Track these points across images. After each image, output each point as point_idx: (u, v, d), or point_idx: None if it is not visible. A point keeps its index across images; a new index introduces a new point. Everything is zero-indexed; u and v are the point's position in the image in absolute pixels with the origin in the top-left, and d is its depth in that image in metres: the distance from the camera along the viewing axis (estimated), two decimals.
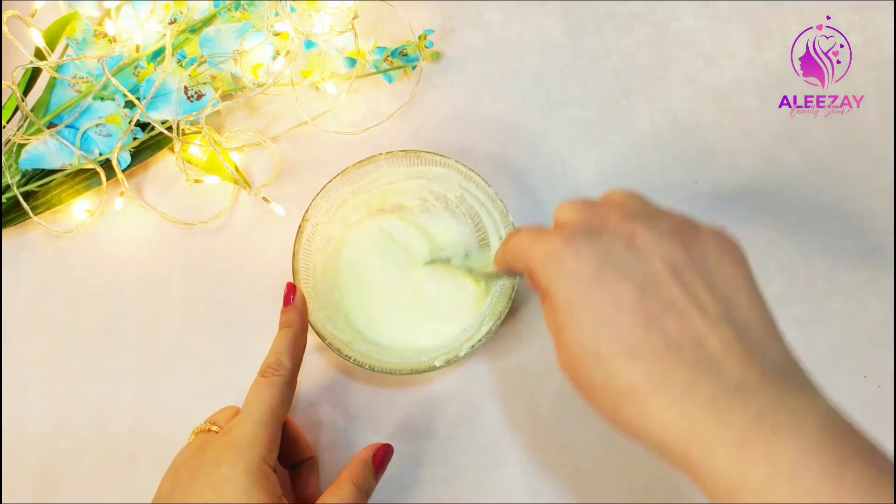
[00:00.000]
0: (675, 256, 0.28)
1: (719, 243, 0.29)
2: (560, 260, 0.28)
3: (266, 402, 0.36)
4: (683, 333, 0.26)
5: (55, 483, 0.45)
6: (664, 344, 0.26)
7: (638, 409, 0.26)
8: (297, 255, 0.43)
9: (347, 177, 0.44)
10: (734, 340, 0.26)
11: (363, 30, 0.51)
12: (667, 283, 0.27)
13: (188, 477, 0.35)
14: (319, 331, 0.41)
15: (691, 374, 0.25)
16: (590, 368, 0.27)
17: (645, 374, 0.26)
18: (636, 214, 0.29)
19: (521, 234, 0.32)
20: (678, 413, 0.25)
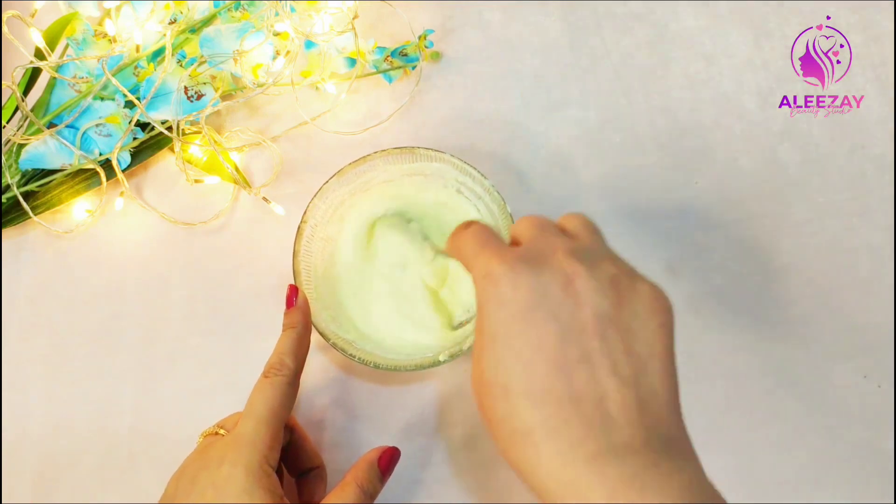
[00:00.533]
0: (606, 309, 0.28)
1: (651, 303, 0.29)
2: (497, 284, 0.29)
3: (268, 402, 0.36)
4: (589, 388, 0.27)
5: (55, 483, 0.45)
6: (568, 395, 0.27)
7: (528, 452, 0.27)
8: (298, 257, 0.43)
9: (344, 177, 0.44)
10: (633, 404, 0.27)
11: (363, 30, 0.51)
12: (589, 335, 0.28)
13: (191, 476, 0.35)
14: (323, 331, 0.42)
15: (583, 428, 0.26)
16: (495, 399, 0.28)
17: (543, 420, 0.27)
18: (583, 255, 0.30)
19: (469, 237, 0.32)
20: (562, 463, 0.26)
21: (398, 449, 0.39)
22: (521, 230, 0.33)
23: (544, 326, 0.28)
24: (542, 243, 0.31)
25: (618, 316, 0.28)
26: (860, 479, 0.44)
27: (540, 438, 0.27)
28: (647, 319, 0.29)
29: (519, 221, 0.34)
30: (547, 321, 0.28)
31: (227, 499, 0.33)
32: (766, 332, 0.46)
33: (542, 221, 0.33)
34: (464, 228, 0.33)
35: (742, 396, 0.45)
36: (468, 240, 0.32)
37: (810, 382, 0.45)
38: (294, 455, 0.41)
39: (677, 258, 0.47)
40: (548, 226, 0.33)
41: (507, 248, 0.31)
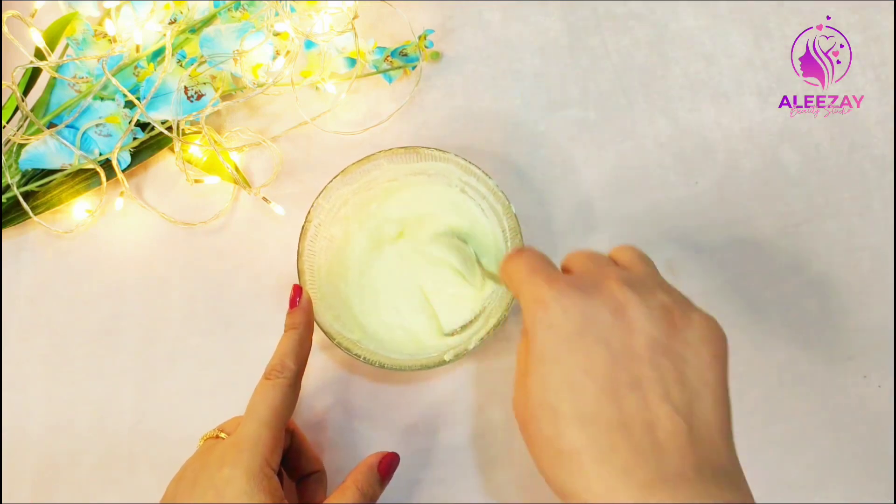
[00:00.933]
0: (658, 337, 0.28)
1: (705, 333, 0.29)
2: (547, 309, 0.29)
3: (269, 404, 0.36)
4: (639, 414, 0.27)
5: (55, 483, 0.46)
6: (618, 420, 0.27)
7: (575, 474, 0.27)
8: (302, 256, 0.43)
9: (348, 176, 0.44)
10: (684, 432, 0.27)
11: (363, 30, 0.51)
12: (641, 361, 0.28)
13: (191, 478, 0.35)
14: (328, 331, 0.42)
15: (633, 455, 0.26)
16: (542, 420, 0.28)
17: (591, 442, 0.26)
18: (635, 284, 0.30)
19: (521, 263, 0.32)
20: (610, 490, 0.26)
21: (398, 455, 0.39)
22: (574, 260, 0.33)
23: (594, 350, 0.28)
24: (594, 272, 0.31)
25: (670, 344, 0.28)
26: (860, 479, 0.44)
27: (587, 462, 0.26)
28: (700, 349, 0.29)
29: (572, 254, 0.34)
30: (597, 345, 0.28)
31: (227, 500, 0.33)
32: (766, 332, 0.46)
33: (595, 254, 0.33)
34: (516, 255, 0.33)
35: (742, 397, 0.45)
36: (520, 266, 0.32)
37: (810, 383, 0.45)
38: (294, 459, 0.41)
39: (677, 258, 0.47)
40: (600, 257, 0.33)
41: (558, 274, 0.31)
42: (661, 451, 0.26)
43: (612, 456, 0.26)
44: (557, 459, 0.27)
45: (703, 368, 0.28)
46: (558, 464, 0.27)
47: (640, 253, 0.34)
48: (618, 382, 0.27)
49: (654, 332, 0.28)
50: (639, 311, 0.29)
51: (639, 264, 0.33)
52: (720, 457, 0.27)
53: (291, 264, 0.43)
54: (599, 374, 0.27)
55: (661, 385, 0.27)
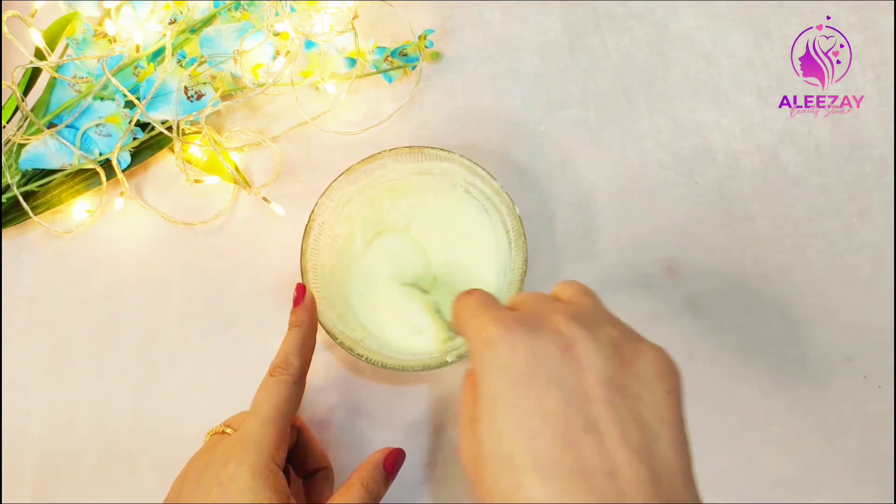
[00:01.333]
0: (610, 374, 0.27)
1: (657, 366, 0.28)
2: (495, 348, 0.28)
3: (274, 401, 0.36)
4: (599, 460, 0.25)
5: (55, 483, 0.46)
6: (578, 468, 0.25)
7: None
8: (305, 255, 0.43)
9: (352, 175, 0.44)
10: (646, 479, 0.25)
11: (363, 30, 0.51)
12: (594, 400, 0.26)
13: (196, 475, 0.35)
14: (330, 330, 0.42)
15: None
16: (498, 471, 0.26)
17: (553, 495, 0.25)
18: (581, 318, 0.29)
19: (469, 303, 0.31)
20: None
21: (403, 451, 0.39)
22: (518, 300, 0.32)
23: (546, 392, 0.26)
24: (539, 307, 0.30)
25: (623, 381, 0.27)
26: (860, 480, 0.44)
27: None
28: (654, 384, 0.27)
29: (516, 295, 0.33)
30: (548, 386, 0.26)
31: (232, 498, 0.33)
32: (766, 332, 0.46)
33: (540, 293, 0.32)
34: (466, 295, 0.32)
35: (742, 397, 0.45)
36: (466, 306, 0.31)
37: (810, 383, 0.45)
38: (301, 456, 0.41)
39: (677, 258, 0.47)
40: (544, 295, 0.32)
41: (504, 310, 0.30)
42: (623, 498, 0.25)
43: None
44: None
45: (658, 406, 0.27)
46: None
47: (583, 287, 0.32)
48: (574, 426, 0.26)
49: (606, 369, 0.27)
50: (588, 347, 0.27)
51: (583, 298, 0.31)
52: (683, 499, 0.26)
53: (291, 264, 0.43)
54: (554, 418, 0.26)
55: (619, 426, 0.26)
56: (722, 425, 0.45)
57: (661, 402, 0.27)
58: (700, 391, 0.45)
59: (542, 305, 0.30)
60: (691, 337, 0.46)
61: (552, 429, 0.26)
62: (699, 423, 0.45)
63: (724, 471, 0.45)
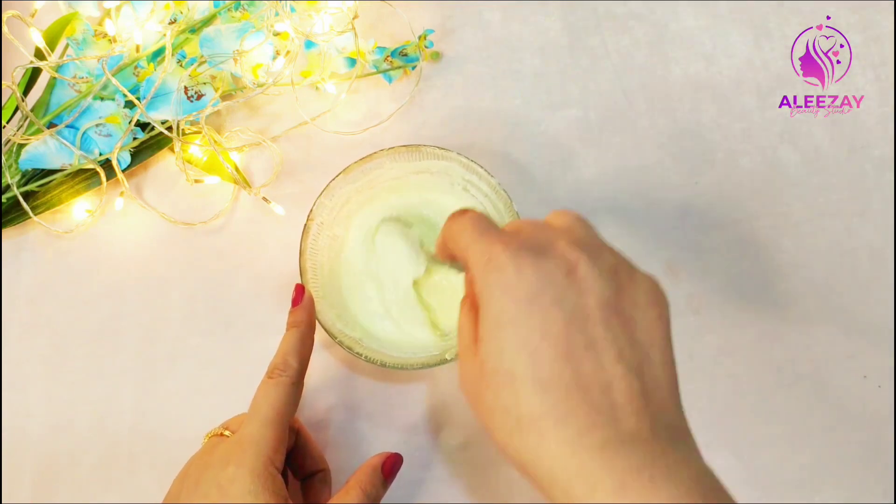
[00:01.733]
0: (608, 296, 0.28)
1: (649, 293, 0.29)
2: (501, 271, 0.28)
3: (272, 403, 0.36)
4: (595, 375, 0.27)
5: (55, 483, 0.45)
6: (575, 382, 0.27)
7: (533, 440, 0.27)
8: (304, 255, 0.43)
9: (350, 175, 0.44)
10: (638, 393, 0.27)
11: (363, 30, 0.51)
12: (594, 321, 0.28)
13: (195, 477, 0.35)
14: (329, 329, 0.42)
15: (591, 416, 0.26)
16: (499, 387, 0.28)
17: (551, 407, 0.26)
18: (583, 245, 0.30)
19: (467, 223, 0.31)
20: (570, 451, 0.26)
21: (401, 456, 0.39)
22: (516, 225, 0.33)
23: (550, 312, 0.27)
24: (541, 234, 0.31)
25: (619, 304, 0.28)
26: (860, 479, 0.44)
27: (547, 426, 0.26)
28: (647, 309, 0.29)
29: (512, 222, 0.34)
30: (552, 307, 0.28)
31: (231, 499, 0.33)
32: (766, 332, 0.46)
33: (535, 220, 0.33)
34: (460, 215, 0.32)
35: (742, 396, 0.45)
36: (465, 227, 0.31)
37: (810, 382, 0.45)
38: (299, 458, 0.41)
39: (677, 258, 0.47)
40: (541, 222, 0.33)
41: (508, 234, 0.31)
42: (618, 411, 0.26)
43: (570, 418, 0.26)
44: (517, 427, 0.27)
45: (651, 329, 0.29)
46: (518, 432, 0.27)
47: (578, 215, 0.33)
48: (574, 344, 0.27)
49: (605, 292, 0.28)
50: (589, 271, 0.28)
51: (581, 226, 0.32)
52: (671, 416, 0.28)
53: (291, 264, 0.43)
54: (556, 336, 0.27)
55: (615, 345, 0.27)
56: (722, 425, 0.45)
57: (653, 326, 0.29)
58: (700, 391, 0.45)
59: (543, 232, 0.31)
60: (691, 337, 0.46)
61: (553, 346, 0.27)
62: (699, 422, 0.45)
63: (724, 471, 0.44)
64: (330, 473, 0.42)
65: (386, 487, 0.38)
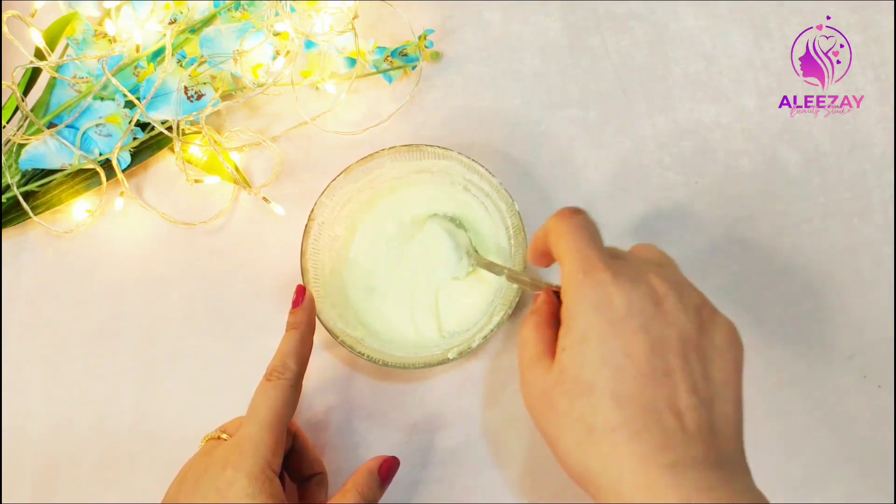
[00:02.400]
0: (690, 333, 0.30)
1: (728, 337, 0.32)
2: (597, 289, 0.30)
3: (270, 406, 0.36)
4: (670, 401, 0.29)
5: (55, 483, 0.46)
6: (652, 403, 0.28)
7: (605, 449, 0.28)
8: (305, 255, 0.43)
9: (351, 174, 0.44)
10: (707, 425, 0.29)
11: (363, 30, 0.51)
12: (674, 352, 0.30)
13: (194, 479, 0.35)
14: (331, 329, 0.42)
15: (663, 437, 0.28)
16: (575, 396, 0.29)
17: (626, 421, 0.28)
18: (670, 280, 0.32)
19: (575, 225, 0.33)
20: (641, 467, 0.27)
21: (397, 459, 0.40)
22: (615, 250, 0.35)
23: (635, 336, 0.29)
24: (635, 263, 0.33)
25: (699, 341, 0.30)
26: (860, 479, 0.44)
27: (621, 438, 0.28)
28: (724, 351, 0.31)
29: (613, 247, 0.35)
30: (638, 331, 0.29)
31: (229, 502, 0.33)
32: (766, 332, 0.46)
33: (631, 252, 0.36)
34: (571, 214, 0.34)
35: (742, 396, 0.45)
36: (573, 230, 0.33)
37: (810, 382, 0.45)
38: (296, 461, 0.41)
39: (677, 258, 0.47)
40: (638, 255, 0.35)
41: (609, 254, 0.32)
42: (688, 437, 0.28)
43: (644, 435, 0.28)
44: (587, 436, 0.28)
45: (725, 369, 0.31)
46: (589, 440, 0.28)
47: (663, 253, 0.36)
48: (654, 369, 0.29)
49: (687, 328, 0.30)
50: (676, 306, 0.31)
51: (667, 262, 0.35)
52: (735, 451, 0.29)
53: (291, 264, 0.43)
54: (639, 358, 0.29)
55: (691, 377, 0.29)
56: None
57: (728, 367, 0.31)
58: None
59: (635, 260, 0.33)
60: None
61: (635, 366, 0.29)
62: None
63: None
64: (327, 476, 0.42)
65: (382, 490, 0.38)
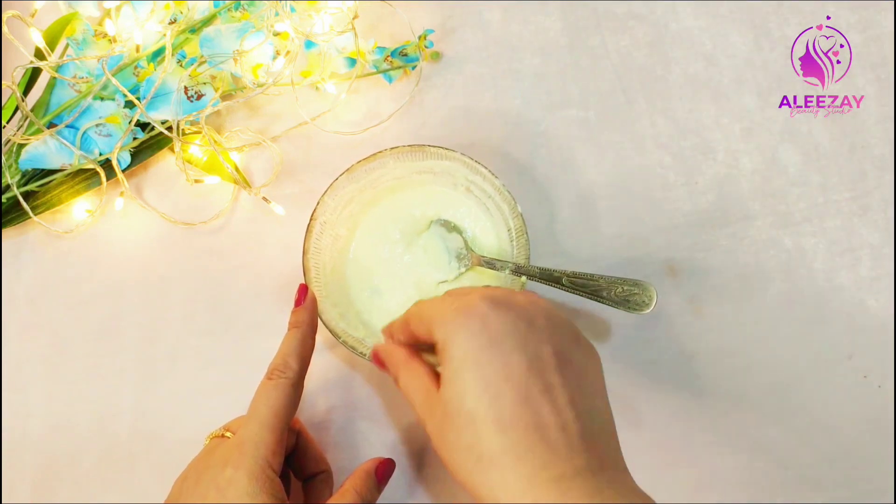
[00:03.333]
0: (564, 348, 0.31)
1: (590, 351, 0.33)
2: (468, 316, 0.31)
3: (271, 405, 0.36)
4: (552, 417, 0.29)
5: (55, 483, 0.46)
6: (534, 423, 0.29)
7: (493, 476, 0.29)
8: (307, 254, 0.43)
9: (354, 174, 0.44)
10: (588, 434, 0.30)
11: (363, 30, 0.51)
12: (551, 369, 0.30)
13: (195, 478, 0.35)
14: (333, 329, 0.42)
15: (549, 454, 0.29)
16: (461, 428, 0.30)
17: (511, 445, 0.29)
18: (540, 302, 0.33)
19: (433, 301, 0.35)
20: (527, 485, 0.28)
21: (393, 461, 0.40)
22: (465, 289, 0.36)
23: (511, 356, 0.30)
24: (500, 291, 0.34)
25: (571, 356, 0.32)
26: (860, 479, 0.44)
27: (507, 464, 0.28)
28: (587, 364, 0.32)
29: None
30: (514, 351, 0.30)
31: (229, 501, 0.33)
32: (765, 331, 0.46)
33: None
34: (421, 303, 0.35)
35: (742, 396, 0.45)
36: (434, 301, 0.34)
37: (811, 382, 0.45)
38: (300, 460, 0.41)
39: (677, 258, 0.47)
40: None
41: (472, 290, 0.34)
42: (571, 449, 0.29)
43: (528, 456, 0.28)
44: (477, 465, 0.29)
45: (595, 381, 0.32)
46: (478, 469, 0.29)
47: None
48: (533, 388, 0.30)
49: (561, 344, 0.31)
50: (548, 324, 0.32)
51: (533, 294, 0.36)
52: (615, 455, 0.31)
53: (291, 264, 0.43)
54: (517, 380, 0.30)
55: (568, 391, 0.30)
56: (722, 425, 0.45)
57: (595, 378, 0.32)
58: (700, 391, 0.45)
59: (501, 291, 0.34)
60: (692, 336, 0.46)
61: (515, 389, 0.30)
62: (700, 422, 0.45)
63: (724, 470, 0.45)
64: (332, 475, 0.42)
65: (379, 491, 0.39)
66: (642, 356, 0.46)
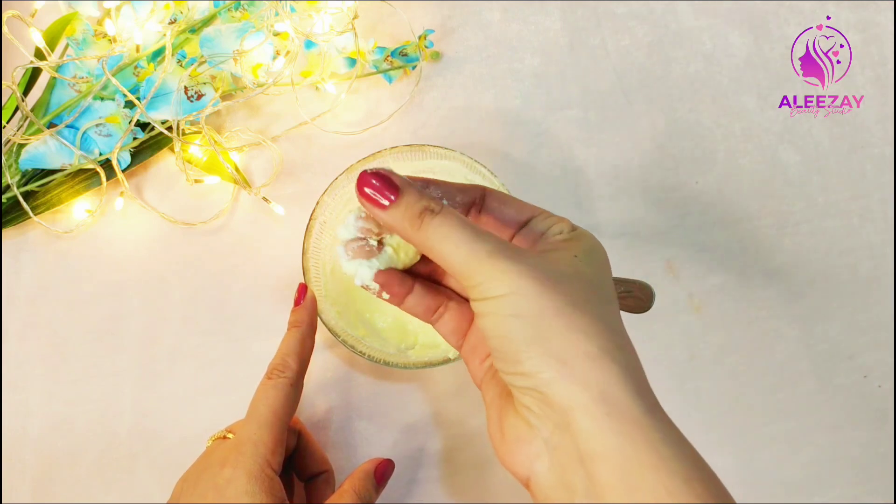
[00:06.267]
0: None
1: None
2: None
3: (270, 405, 0.36)
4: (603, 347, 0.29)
5: (55, 483, 0.46)
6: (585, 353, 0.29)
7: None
8: (307, 254, 0.43)
9: (353, 174, 0.44)
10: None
11: (363, 30, 0.51)
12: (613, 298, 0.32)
13: (195, 478, 0.35)
14: (332, 328, 0.42)
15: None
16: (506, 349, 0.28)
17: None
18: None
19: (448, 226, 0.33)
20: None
21: (393, 462, 0.40)
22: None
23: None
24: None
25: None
26: (860, 479, 0.44)
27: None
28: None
29: None
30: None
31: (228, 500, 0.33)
32: (766, 331, 0.46)
33: None
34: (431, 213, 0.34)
35: (743, 396, 0.45)
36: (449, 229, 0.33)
37: (811, 382, 0.45)
38: (302, 460, 0.41)
39: (678, 257, 0.47)
40: None
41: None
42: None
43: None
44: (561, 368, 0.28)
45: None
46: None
47: None
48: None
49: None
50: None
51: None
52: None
53: (291, 264, 0.43)
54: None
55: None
56: (722, 424, 0.45)
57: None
58: (701, 390, 0.45)
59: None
60: (692, 336, 0.46)
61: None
62: (700, 422, 0.45)
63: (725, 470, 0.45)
64: (333, 474, 0.42)
65: (378, 492, 0.39)
66: (642, 356, 0.46)
